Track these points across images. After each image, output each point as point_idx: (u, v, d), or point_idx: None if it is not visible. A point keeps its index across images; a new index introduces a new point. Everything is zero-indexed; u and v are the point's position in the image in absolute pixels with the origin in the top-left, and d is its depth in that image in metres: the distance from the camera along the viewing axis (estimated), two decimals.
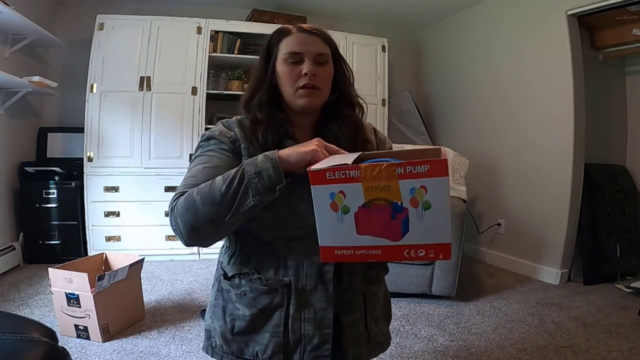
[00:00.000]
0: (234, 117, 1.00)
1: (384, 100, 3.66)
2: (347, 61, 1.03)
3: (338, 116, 0.99)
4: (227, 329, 0.92)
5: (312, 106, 0.94)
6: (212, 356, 0.97)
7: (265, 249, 0.91)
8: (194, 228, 0.77)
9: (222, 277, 0.96)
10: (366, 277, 0.99)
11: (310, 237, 0.85)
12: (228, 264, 0.96)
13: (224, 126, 0.96)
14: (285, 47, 0.93)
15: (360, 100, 1.03)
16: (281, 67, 0.94)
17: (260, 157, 0.77)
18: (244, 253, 0.94)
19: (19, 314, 2.00)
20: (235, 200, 0.74)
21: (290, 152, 0.77)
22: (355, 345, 0.95)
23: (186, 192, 0.80)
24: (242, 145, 0.91)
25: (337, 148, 0.80)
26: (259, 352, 0.90)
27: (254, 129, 0.92)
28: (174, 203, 0.80)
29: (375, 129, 1.10)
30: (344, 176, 0.60)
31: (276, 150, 0.78)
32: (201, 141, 0.95)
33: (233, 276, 0.94)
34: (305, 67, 0.91)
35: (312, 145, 0.77)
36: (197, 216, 0.76)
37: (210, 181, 0.78)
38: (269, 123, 0.92)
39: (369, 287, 1.00)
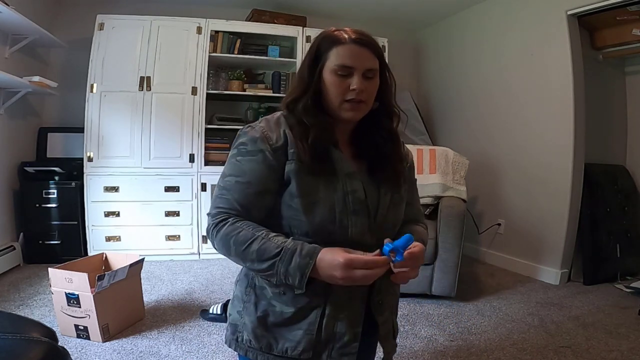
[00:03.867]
0: (279, 114, 0.99)
1: None
2: None
3: (376, 125, 1.01)
4: (259, 325, 0.94)
5: (356, 119, 0.97)
6: (234, 349, 0.99)
7: None
8: (225, 256, 0.93)
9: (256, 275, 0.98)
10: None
11: (351, 247, 0.89)
12: None
13: (268, 127, 0.94)
14: (335, 58, 0.93)
15: (399, 111, 1.05)
16: (329, 77, 0.94)
17: (295, 260, 0.82)
18: None
19: (19, 314, 1.99)
20: (259, 272, 0.89)
21: (323, 270, 0.82)
22: (387, 340, 1.02)
23: (223, 220, 0.89)
24: (291, 150, 0.92)
25: (361, 259, 0.82)
26: (289, 349, 0.92)
27: (304, 132, 0.93)
28: (214, 234, 0.90)
29: (402, 142, 1.11)
30: None
31: (310, 263, 0.82)
32: (241, 140, 0.95)
33: None
34: (354, 83, 0.91)
35: (341, 271, 0.80)
36: (229, 255, 0.91)
37: (249, 240, 0.86)
38: (319, 130, 0.93)
39: (393, 287, 1.05)
